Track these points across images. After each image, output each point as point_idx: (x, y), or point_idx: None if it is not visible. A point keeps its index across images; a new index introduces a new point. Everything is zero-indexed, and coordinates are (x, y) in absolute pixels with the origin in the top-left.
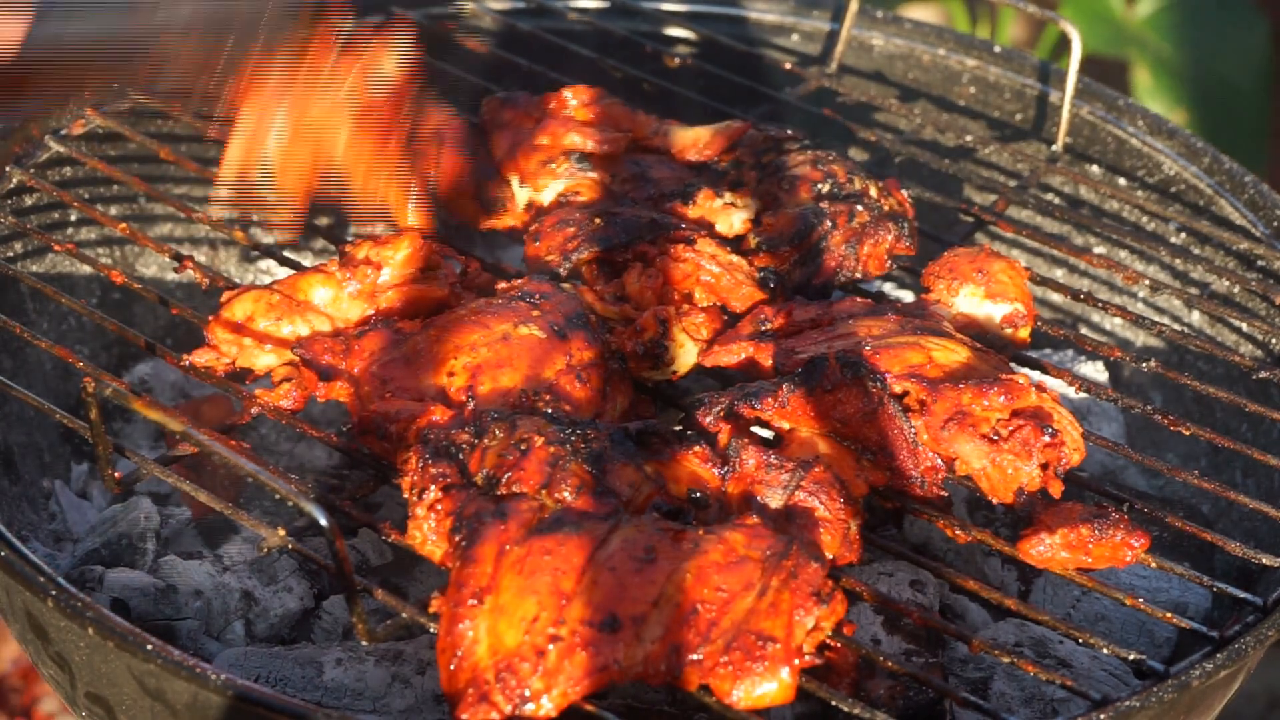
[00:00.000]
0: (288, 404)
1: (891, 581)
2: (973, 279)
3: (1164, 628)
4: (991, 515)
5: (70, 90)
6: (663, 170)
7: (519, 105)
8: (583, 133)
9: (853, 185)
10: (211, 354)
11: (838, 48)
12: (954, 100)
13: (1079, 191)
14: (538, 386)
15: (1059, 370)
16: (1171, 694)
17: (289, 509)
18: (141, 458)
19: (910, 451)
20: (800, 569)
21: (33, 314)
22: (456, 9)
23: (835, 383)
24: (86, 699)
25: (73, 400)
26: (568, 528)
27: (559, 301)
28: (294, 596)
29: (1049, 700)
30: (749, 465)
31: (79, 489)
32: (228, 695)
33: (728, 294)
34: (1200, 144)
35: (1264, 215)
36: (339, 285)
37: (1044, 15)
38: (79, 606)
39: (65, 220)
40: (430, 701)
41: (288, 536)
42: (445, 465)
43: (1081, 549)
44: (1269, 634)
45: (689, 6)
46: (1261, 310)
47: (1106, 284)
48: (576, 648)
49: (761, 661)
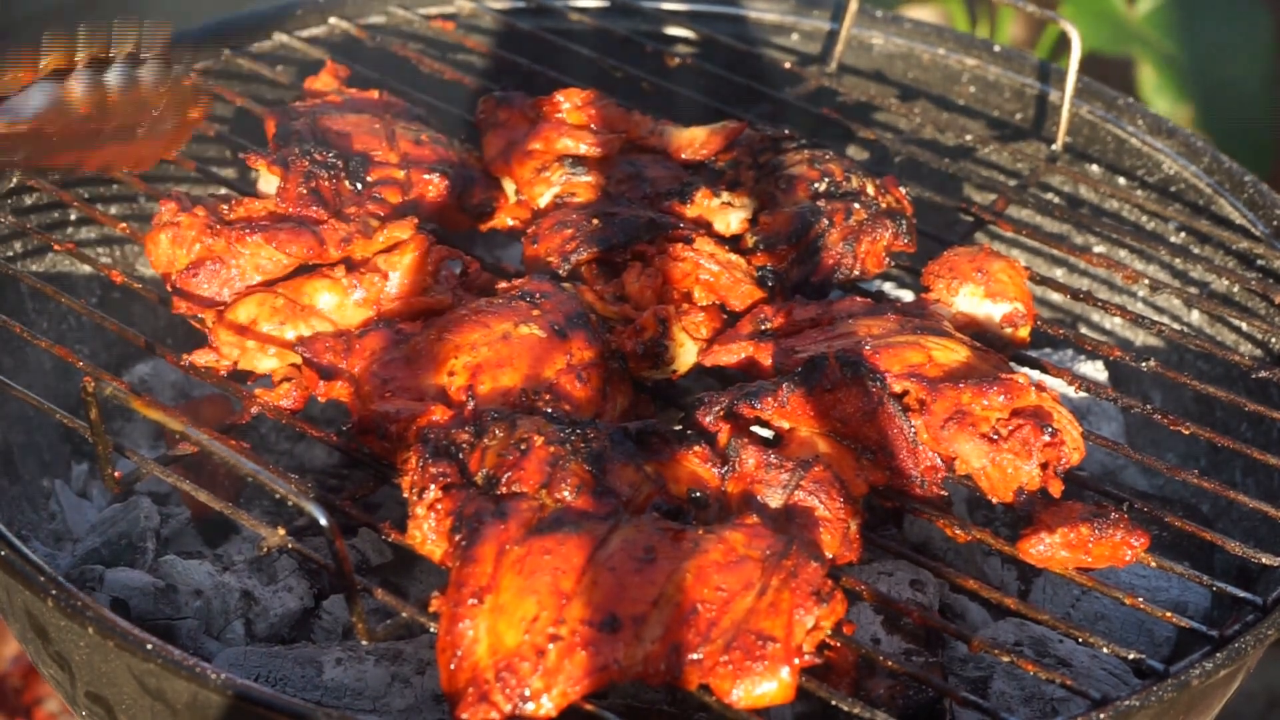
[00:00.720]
0: (288, 404)
1: (891, 581)
2: (972, 278)
3: (1164, 627)
4: (991, 515)
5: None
6: (658, 170)
7: (514, 105)
8: (575, 136)
9: (850, 183)
10: (212, 355)
11: (837, 47)
12: (954, 100)
13: (1079, 191)
14: (538, 386)
15: (1059, 370)
16: (1171, 693)
17: (289, 509)
18: (141, 458)
19: (910, 451)
20: (800, 568)
21: (33, 314)
22: (456, 9)
23: (835, 382)
24: (87, 698)
25: (73, 400)
26: (568, 527)
27: (559, 301)
28: (294, 596)
29: (1049, 699)
30: (749, 465)
31: (79, 489)
32: (228, 695)
33: (727, 293)
34: (1200, 143)
35: (1263, 214)
36: (344, 291)
37: (1044, 15)
38: (79, 606)
39: (65, 220)
40: (430, 701)
41: (288, 536)
42: (445, 465)
43: (1081, 548)
44: (1269, 633)
45: (689, 6)
46: (1261, 309)
47: (1106, 283)
48: (576, 647)
49: (761, 661)
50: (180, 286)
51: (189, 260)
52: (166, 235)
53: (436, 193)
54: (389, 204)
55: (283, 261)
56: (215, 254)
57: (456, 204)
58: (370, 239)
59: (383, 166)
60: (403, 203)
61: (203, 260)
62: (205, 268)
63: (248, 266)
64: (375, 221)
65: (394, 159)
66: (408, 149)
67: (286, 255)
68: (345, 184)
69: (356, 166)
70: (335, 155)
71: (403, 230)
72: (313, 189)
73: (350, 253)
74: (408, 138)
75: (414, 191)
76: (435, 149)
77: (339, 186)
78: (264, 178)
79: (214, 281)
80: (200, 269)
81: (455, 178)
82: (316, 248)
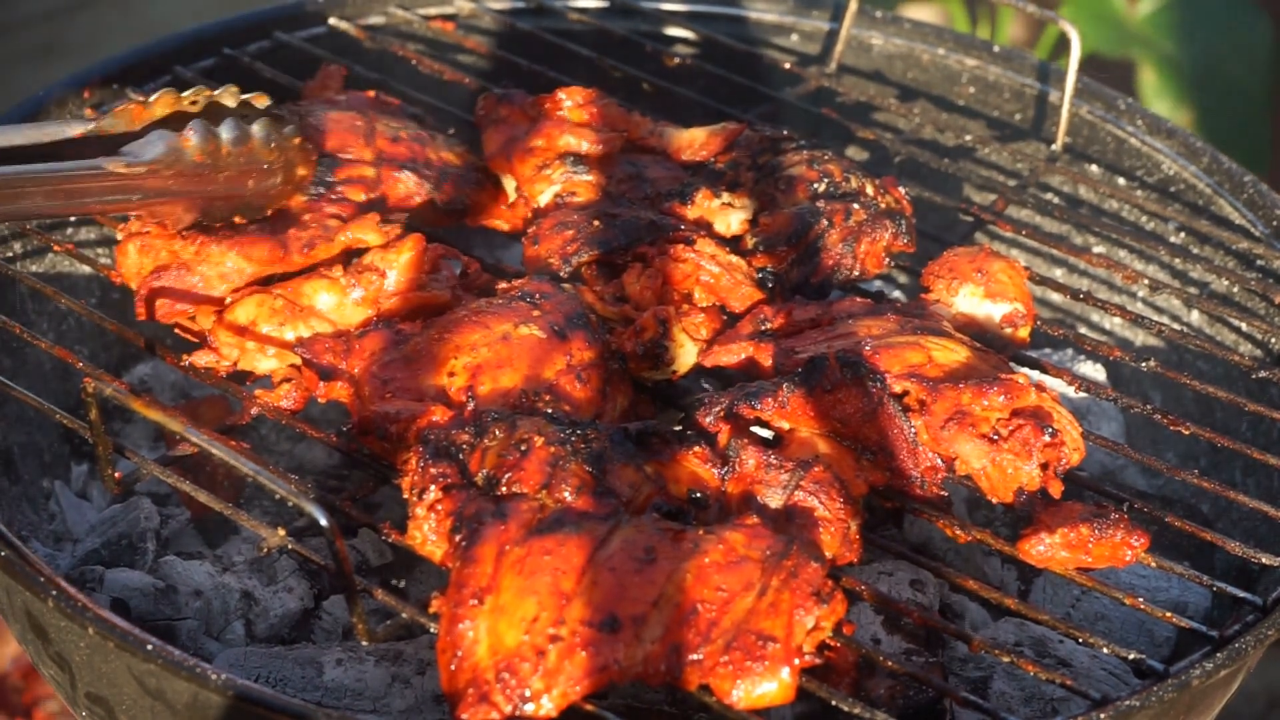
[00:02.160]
0: (287, 404)
1: (891, 581)
2: (972, 279)
3: (1164, 627)
4: (991, 515)
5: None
6: (658, 170)
7: (515, 102)
8: (577, 134)
9: (849, 184)
10: (212, 355)
11: (837, 47)
12: (953, 100)
13: (1078, 191)
14: (538, 387)
15: (1059, 370)
16: (1171, 693)
17: (289, 509)
18: (141, 458)
19: (910, 451)
20: (800, 569)
21: (33, 314)
22: (456, 9)
23: (835, 383)
24: (87, 699)
25: (73, 400)
26: (568, 528)
27: (559, 301)
28: (294, 596)
29: (1049, 700)
30: (749, 465)
31: (79, 489)
32: (228, 695)
33: (727, 294)
34: (1199, 143)
35: (1263, 215)
36: (343, 291)
37: (1044, 15)
38: (79, 606)
39: (65, 220)
40: (430, 701)
41: (288, 536)
42: (445, 465)
43: (1081, 549)
44: (1269, 633)
45: (689, 6)
46: (1261, 310)
47: (1106, 284)
48: (576, 648)
49: (761, 661)
50: (146, 294)
51: (153, 266)
52: (135, 245)
53: (405, 191)
54: (352, 203)
55: (246, 269)
56: (181, 261)
57: (428, 202)
58: (331, 241)
59: (352, 165)
60: (368, 200)
61: (166, 267)
62: (169, 274)
63: (212, 274)
64: (335, 222)
65: (368, 156)
66: (383, 146)
67: (249, 262)
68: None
69: (320, 169)
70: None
71: (364, 229)
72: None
73: (314, 257)
74: (386, 135)
75: (382, 189)
76: (411, 146)
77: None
78: None
79: (178, 288)
80: (164, 275)
81: (428, 175)
82: (279, 252)
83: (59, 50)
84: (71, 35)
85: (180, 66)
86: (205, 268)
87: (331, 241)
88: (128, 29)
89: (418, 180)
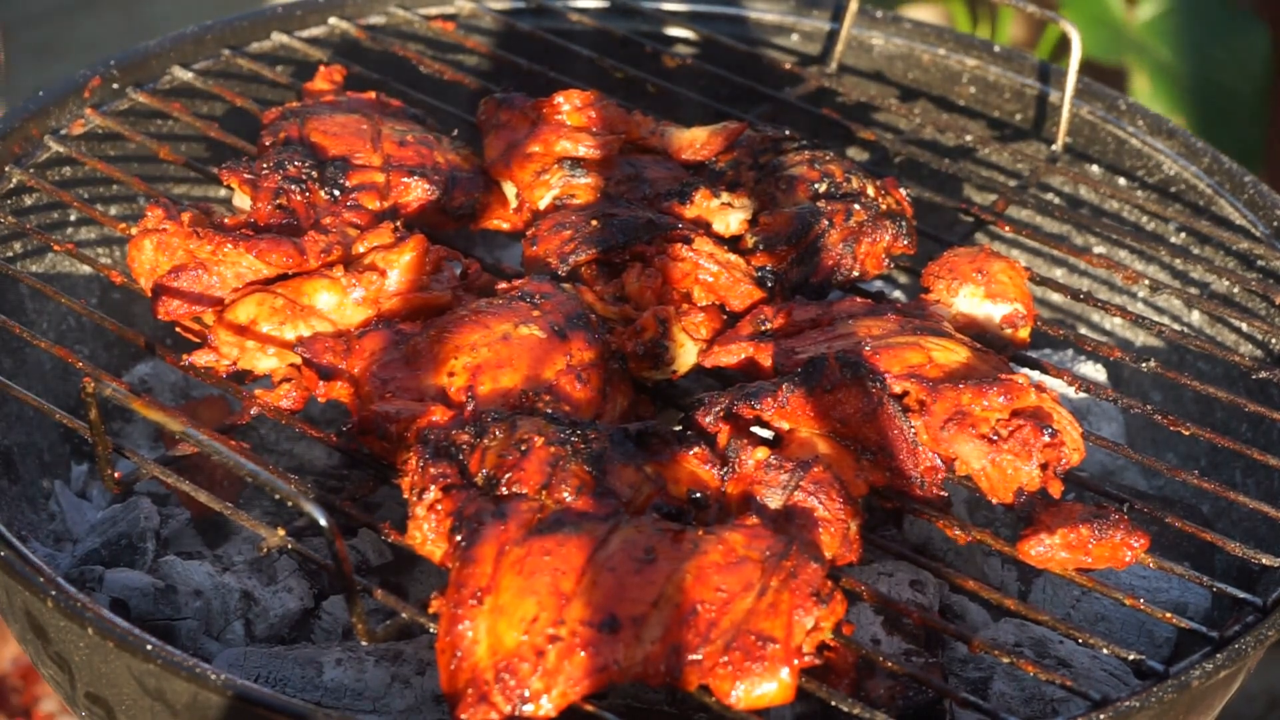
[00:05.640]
0: (287, 404)
1: (891, 581)
2: (972, 279)
3: (1164, 628)
4: (991, 515)
5: None
6: (658, 170)
7: (515, 107)
8: (574, 139)
9: (850, 184)
10: (212, 355)
11: (837, 48)
12: (954, 100)
13: (1079, 191)
14: (538, 387)
15: (1059, 370)
16: (1171, 694)
17: (289, 509)
18: (141, 458)
19: (910, 451)
20: (800, 569)
21: (33, 314)
22: (456, 9)
23: (835, 383)
24: (86, 699)
25: (73, 400)
26: (568, 528)
27: (559, 302)
28: (294, 596)
29: (1049, 700)
30: (748, 466)
31: (79, 489)
32: (228, 695)
33: (726, 293)
34: (1200, 144)
35: (1264, 215)
36: (343, 291)
37: (1044, 15)
38: (79, 606)
39: (65, 220)
40: (430, 701)
41: (288, 536)
42: (445, 465)
43: (1081, 549)
44: (1269, 634)
45: (689, 6)
46: (1261, 310)
47: (1106, 284)
48: (576, 648)
49: (761, 661)
50: (161, 292)
51: (171, 265)
52: (151, 241)
53: (416, 197)
54: (368, 211)
55: (263, 271)
56: (199, 260)
57: (437, 206)
58: (349, 250)
59: (363, 170)
60: (382, 208)
61: (184, 266)
62: (186, 273)
63: (229, 274)
64: (354, 231)
65: (376, 161)
66: (391, 151)
67: (266, 265)
68: (320, 194)
69: (333, 174)
70: (310, 165)
71: (381, 238)
72: (280, 205)
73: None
74: (393, 139)
75: (393, 196)
76: (419, 150)
77: (313, 198)
78: (237, 195)
79: (194, 288)
80: (181, 274)
81: (437, 180)
82: (297, 257)
83: (59, 50)
84: (71, 35)
85: (180, 66)
86: (223, 269)
87: (349, 250)
88: (128, 29)
89: (428, 186)
